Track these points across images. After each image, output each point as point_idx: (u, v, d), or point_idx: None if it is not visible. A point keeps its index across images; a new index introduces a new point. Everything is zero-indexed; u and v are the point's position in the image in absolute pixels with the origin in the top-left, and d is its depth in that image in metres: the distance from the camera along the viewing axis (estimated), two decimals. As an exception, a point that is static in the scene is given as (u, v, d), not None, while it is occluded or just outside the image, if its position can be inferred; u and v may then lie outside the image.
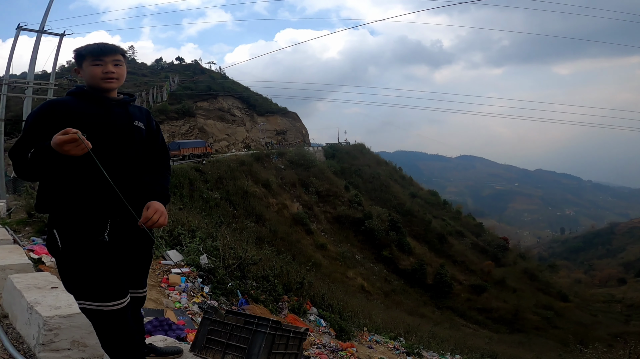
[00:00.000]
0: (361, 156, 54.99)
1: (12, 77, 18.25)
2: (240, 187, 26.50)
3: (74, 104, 1.64)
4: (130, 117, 1.74)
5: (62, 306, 2.54)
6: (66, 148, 1.40)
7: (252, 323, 2.00)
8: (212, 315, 2.09)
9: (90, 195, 1.60)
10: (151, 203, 1.67)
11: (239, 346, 1.95)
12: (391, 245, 34.69)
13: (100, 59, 1.65)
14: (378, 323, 9.60)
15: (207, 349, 2.02)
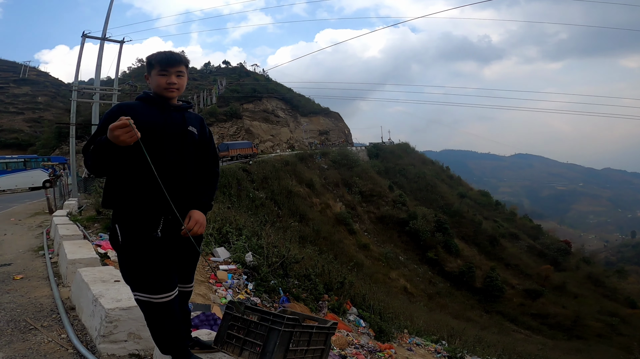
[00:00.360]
0: (406, 155, 53.69)
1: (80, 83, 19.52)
2: (284, 187, 27.11)
3: (140, 108, 1.79)
4: (185, 122, 1.87)
5: (123, 299, 2.69)
6: (117, 133, 1.50)
7: (268, 319, 1.96)
8: (232, 310, 2.07)
9: (145, 193, 1.72)
10: (192, 214, 1.80)
11: (256, 342, 1.94)
12: (437, 246, 33.55)
13: (166, 70, 1.80)
14: (420, 326, 9.38)
15: (227, 344, 2.02)
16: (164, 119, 1.80)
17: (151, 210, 1.73)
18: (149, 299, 1.73)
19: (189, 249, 1.87)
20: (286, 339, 1.88)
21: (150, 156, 1.65)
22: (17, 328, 2.83)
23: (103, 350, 2.43)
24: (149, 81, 1.87)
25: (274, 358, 1.84)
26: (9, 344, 2.56)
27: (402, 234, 34.44)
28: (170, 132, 1.80)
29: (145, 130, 1.64)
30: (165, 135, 1.77)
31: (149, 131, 1.68)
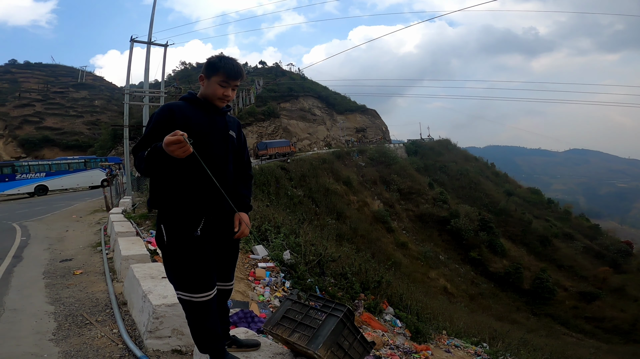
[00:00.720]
0: (446, 152, 51.87)
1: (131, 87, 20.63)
2: (322, 185, 27.25)
3: (187, 109, 1.83)
4: (227, 126, 1.92)
5: (169, 296, 2.77)
6: (171, 149, 1.54)
7: (330, 307, 2.00)
8: (295, 297, 2.15)
9: (188, 194, 1.76)
10: (241, 217, 1.88)
11: (310, 326, 1.96)
12: (481, 246, 32.12)
13: (227, 82, 1.83)
14: (459, 327, 9.07)
15: (279, 326, 2.05)
16: (209, 122, 1.84)
17: (193, 211, 1.78)
18: (190, 298, 1.78)
19: (228, 248, 1.92)
20: (339, 329, 1.91)
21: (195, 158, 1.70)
22: (74, 323, 3.04)
23: (149, 345, 2.53)
24: (203, 83, 1.88)
25: (324, 342, 1.85)
26: (66, 339, 2.77)
27: (443, 233, 33.35)
28: (215, 135, 1.84)
29: (194, 132, 1.70)
30: (210, 138, 1.81)
31: (197, 133, 1.73)
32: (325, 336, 1.86)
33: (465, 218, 33.33)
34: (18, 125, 45.65)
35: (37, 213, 13.66)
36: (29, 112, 48.54)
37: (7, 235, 8.58)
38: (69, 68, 72.58)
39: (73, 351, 2.55)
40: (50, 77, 64.97)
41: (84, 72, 70.54)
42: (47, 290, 4.02)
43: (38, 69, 69.04)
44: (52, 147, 44.05)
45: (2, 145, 43.47)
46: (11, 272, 4.91)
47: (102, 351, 2.55)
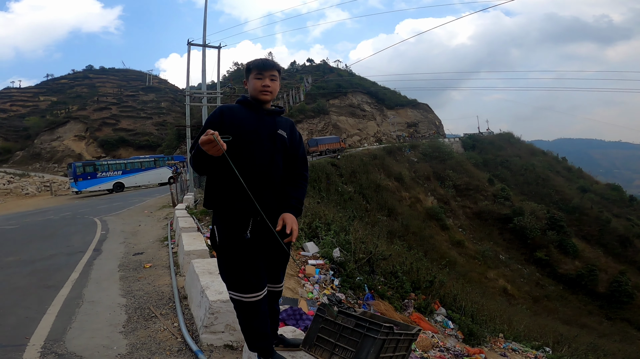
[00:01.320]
0: (509, 146, 48.59)
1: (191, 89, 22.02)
2: (372, 181, 26.96)
3: (238, 110, 1.92)
4: (276, 125, 1.95)
5: (224, 292, 2.81)
6: (205, 148, 1.63)
7: (363, 326, 1.92)
8: (324, 313, 2.07)
9: (235, 195, 1.81)
10: (286, 218, 1.83)
11: (347, 348, 1.91)
12: (549, 245, 29.62)
13: (261, 73, 1.92)
14: (519, 330, 8.50)
15: (317, 347, 2.01)
16: (257, 122, 1.90)
17: (240, 212, 1.82)
18: (240, 298, 1.85)
19: (278, 250, 1.93)
20: (379, 347, 1.86)
21: (241, 157, 1.79)
22: (141, 316, 3.33)
23: (204, 340, 2.68)
24: (247, 85, 2.00)
25: None
26: (134, 331, 3.01)
27: (504, 231, 31.28)
28: (262, 134, 1.89)
29: (240, 131, 1.81)
30: (257, 137, 1.87)
31: (243, 132, 1.83)
32: None
33: (531, 216, 30.97)
34: (98, 127, 51.09)
35: (115, 209, 15.22)
36: (107, 115, 54.05)
37: (89, 229, 9.70)
38: (137, 72, 79.71)
39: (138, 343, 2.77)
40: (123, 81, 71.87)
41: (151, 75, 77.02)
42: (121, 282, 4.48)
43: (112, 74, 76.80)
44: (127, 147, 48.73)
45: (85, 146, 49.01)
46: (91, 265, 5.54)
47: (163, 344, 2.74)
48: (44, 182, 35.04)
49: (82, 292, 4.12)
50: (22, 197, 30.51)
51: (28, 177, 37.04)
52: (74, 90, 68.32)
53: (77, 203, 21.92)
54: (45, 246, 7.56)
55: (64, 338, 2.90)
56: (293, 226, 1.82)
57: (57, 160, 46.71)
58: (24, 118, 56.96)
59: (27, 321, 3.26)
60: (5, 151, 48.88)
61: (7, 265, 5.85)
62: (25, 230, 10.87)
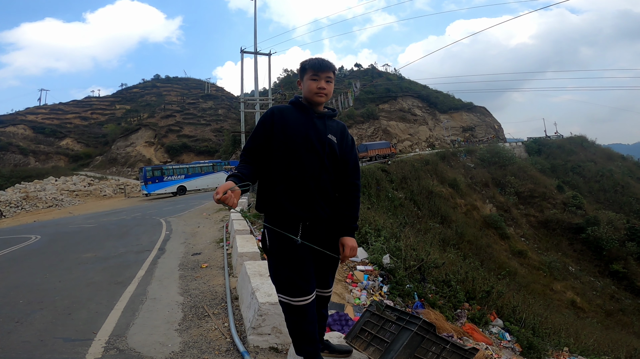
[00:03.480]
0: (581, 150, 44.33)
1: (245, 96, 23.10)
2: (424, 187, 26.06)
3: (289, 112, 1.92)
4: (326, 129, 1.93)
5: (273, 294, 2.82)
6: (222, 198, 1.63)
7: (404, 319, 1.92)
8: (373, 308, 2.11)
9: (284, 199, 1.81)
10: (345, 242, 1.89)
11: (384, 339, 1.91)
12: (627, 257, 26.56)
13: (317, 74, 1.89)
14: (587, 344, 7.71)
15: (357, 339, 2.05)
16: (307, 125, 1.88)
17: (290, 217, 1.82)
18: (288, 301, 1.86)
19: (328, 256, 1.93)
20: (415, 343, 1.82)
21: (291, 161, 1.83)
22: (196, 315, 3.53)
23: (251, 341, 2.75)
24: (301, 86, 1.97)
25: (395, 357, 1.78)
26: (188, 329, 3.17)
27: (575, 242, 28.51)
28: (312, 138, 1.86)
29: (289, 134, 1.85)
30: (306, 141, 1.85)
31: (292, 135, 1.85)
32: (397, 351, 1.79)
33: (608, 226, 27.97)
34: (164, 134, 55.54)
35: (178, 211, 16.39)
36: (172, 122, 58.57)
37: (156, 229, 10.56)
38: (197, 81, 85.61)
39: (191, 341, 2.93)
40: (185, 90, 77.51)
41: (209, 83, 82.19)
42: (180, 281, 4.81)
43: (175, 83, 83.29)
44: (189, 152, 52.36)
45: (154, 152, 53.49)
46: (156, 263, 6.01)
47: (213, 344, 2.88)
48: (119, 185, 38.87)
49: (146, 289, 4.49)
50: (100, 198, 34.16)
51: (106, 180, 41.34)
52: (144, 98, 75.13)
53: (146, 204, 23.98)
54: (118, 244, 8.37)
55: (127, 333, 3.14)
56: (352, 252, 1.90)
57: (130, 164, 51.57)
58: (103, 125, 63.78)
59: (97, 316, 3.60)
60: (86, 156, 55.03)
61: (85, 261, 6.57)
62: (102, 228, 12.12)
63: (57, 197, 31.79)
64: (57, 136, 57.71)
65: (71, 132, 60.24)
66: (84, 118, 66.96)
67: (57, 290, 4.67)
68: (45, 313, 3.77)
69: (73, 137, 58.78)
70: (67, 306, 3.95)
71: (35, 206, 29.64)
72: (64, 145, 56.69)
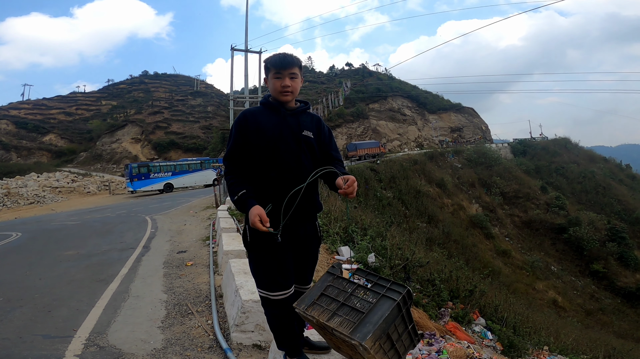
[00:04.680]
0: (565, 152, 45.43)
1: (235, 93, 22.87)
2: (412, 187, 26.33)
3: (260, 113, 1.88)
4: (300, 126, 1.89)
5: (256, 291, 2.65)
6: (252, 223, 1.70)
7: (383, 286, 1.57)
8: (337, 271, 1.74)
9: (265, 198, 1.80)
10: (347, 176, 1.74)
11: (356, 309, 1.54)
12: (608, 258, 27.39)
13: (280, 73, 1.83)
14: (567, 343, 7.94)
15: (315, 306, 1.63)
16: (280, 124, 1.85)
17: (270, 214, 1.77)
18: (267, 296, 1.87)
19: (307, 253, 1.95)
20: (393, 317, 1.51)
21: (268, 161, 1.80)
22: (179, 312, 3.52)
23: (234, 338, 2.76)
24: (268, 84, 1.92)
25: (374, 332, 1.44)
26: (171, 327, 3.17)
27: (557, 242, 29.25)
28: (286, 137, 1.84)
29: (264, 135, 1.81)
30: (281, 140, 1.82)
31: (264, 136, 1.81)
32: (376, 324, 1.46)
33: (589, 226, 28.79)
34: (152, 131, 54.70)
35: (165, 208, 16.20)
36: (159, 119, 57.73)
37: (141, 227, 10.43)
38: (186, 78, 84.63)
39: (173, 338, 2.93)
40: (173, 86, 76.55)
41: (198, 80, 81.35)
42: (164, 279, 4.78)
43: (164, 79, 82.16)
44: (177, 149, 51.71)
45: (140, 148, 52.66)
46: (140, 261, 5.95)
47: (196, 341, 2.88)
48: (104, 182, 38.15)
49: (129, 287, 4.45)
50: (84, 195, 33.47)
51: (90, 176, 40.55)
52: (132, 94, 73.90)
53: (131, 202, 23.62)
54: (101, 242, 8.25)
55: (107, 331, 3.12)
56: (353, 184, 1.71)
57: (115, 161, 50.68)
58: (88, 121, 62.51)
59: (77, 313, 3.57)
60: (70, 152, 53.87)
61: (67, 259, 6.46)
62: (86, 225, 11.91)
63: (39, 194, 31.03)
64: (40, 131, 56.41)
65: (55, 128, 58.93)
66: (69, 114, 65.54)
67: (37, 288, 4.59)
68: (25, 311, 3.72)
69: (57, 133, 57.50)
70: (47, 304, 3.90)
71: (16, 202, 28.88)
72: (47, 141, 55.43)
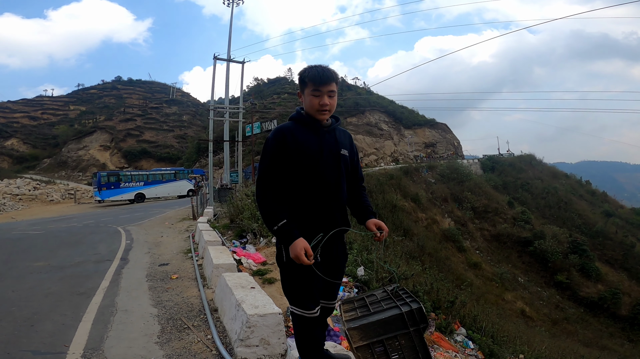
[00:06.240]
0: (530, 168, 47.68)
1: (214, 103, 22.40)
2: (389, 201, 26.69)
3: (296, 130, 1.81)
4: (338, 144, 1.87)
5: (259, 306, 2.85)
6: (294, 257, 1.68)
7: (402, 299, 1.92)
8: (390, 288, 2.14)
9: (305, 218, 1.78)
10: (378, 223, 1.91)
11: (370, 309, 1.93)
12: (570, 269, 28.88)
13: (318, 90, 1.77)
14: (541, 351, 8.28)
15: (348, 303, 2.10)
16: (319, 143, 1.81)
17: (308, 234, 1.76)
18: (302, 313, 1.84)
19: (338, 271, 1.96)
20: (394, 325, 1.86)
21: (308, 180, 1.77)
22: (174, 327, 3.38)
23: (239, 353, 2.69)
24: (302, 99, 1.86)
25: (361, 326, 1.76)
26: (169, 342, 3.07)
27: (524, 254, 30.52)
28: (326, 155, 1.81)
29: (302, 154, 1.76)
30: (321, 159, 1.79)
31: (306, 155, 1.77)
32: (367, 321, 1.73)
33: (552, 239, 30.25)
34: (122, 138, 52.84)
35: (137, 219, 15.58)
36: (132, 126, 55.95)
37: (114, 238, 9.96)
38: (162, 85, 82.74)
39: (174, 354, 2.84)
40: (148, 93, 74.57)
41: (174, 88, 79.82)
42: (150, 292, 4.58)
43: (138, 86, 79.92)
44: (149, 158, 50.13)
45: (109, 156, 50.64)
46: (120, 274, 5.67)
47: (199, 356, 2.81)
48: (69, 190, 36.24)
49: (114, 300, 4.23)
50: (46, 203, 31.60)
51: (53, 184, 38.42)
52: (102, 100, 71.30)
53: (99, 211, 22.54)
54: (72, 253, 7.79)
55: (102, 346, 2.97)
56: (384, 226, 1.91)
57: (82, 168, 48.38)
58: (54, 126, 59.56)
59: (64, 328, 3.36)
60: (32, 158, 51.02)
61: (37, 270, 6.05)
62: (51, 236, 11.23)
63: (-2, 201, 29.03)
64: (2, 135, 53.29)
65: (17, 132, 55.84)
66: (33, 118, 62.37)
67: (12, 300, 4.27)
68: (5, 324, 3.45)
69: (19, 137, 54.49)
70: (27, 318, 3.63)
71: (-30, 211, 26.85)
72: (9, 146, 52.38)
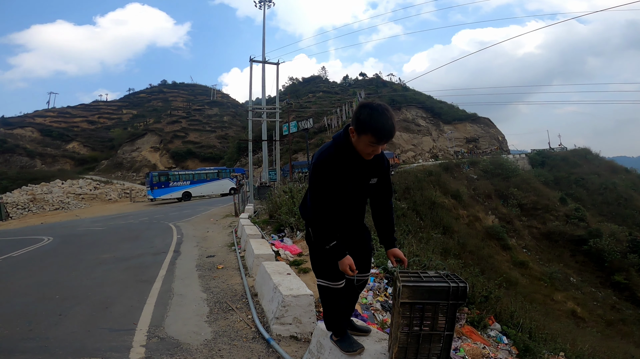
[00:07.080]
0: (585, 163, 44.28)
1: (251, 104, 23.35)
2: (427, 198, 26.28)
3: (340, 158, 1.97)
4: (369, 174, 2.07)
5: (294, 289, 3.30)
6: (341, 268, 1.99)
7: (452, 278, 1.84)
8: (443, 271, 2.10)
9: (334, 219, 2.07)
10: (397, 254, 2.17)
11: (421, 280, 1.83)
12: (629, 269, 26.67)
13: (378, 144, 1.87)
14: (583, 350, 7.97)
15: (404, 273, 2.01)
16: (356, 172, 2.02)
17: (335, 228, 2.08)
18: (328, 285, 2.15)
19: (365, 246, 2.27)
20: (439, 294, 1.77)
21: (342, 196, 2.04)
22: (221, 309, 3.91)
23: (274, 330, 3.13)
24: (354, 135, 1.91)
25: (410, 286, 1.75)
26: (216, 321, 3.59)
27: (577, 253, 28.64)
28: (358, 183, 2.05)
29: (346, 177, 2.00)
30: (353, 187, 2.05)
31: (345, 182, 2.01)
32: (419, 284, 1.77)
33: (610, 238, 28.10)
34: (170, 140, 56.19)
35: (185, 216, 16.76)
36: (177, 128, 59.27)
37: (167, 233, 10.92)
38: (203, 87, 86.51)
39: (220, 331, 3.33)
40: (191, 96, 78.37)
41: (215, 90, 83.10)
42: (200, 280, 5.18)
43: (182, 89, 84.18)
44: (194, 158, 52.91)
45: (159, 157, 54.11)
46: (174, 264, 6.38)
47: (240, 333, 3.27)
48: (124, 189, 39.35)
49: (171, 286, 4.85)
50: (105, 202, 34.60)
51: (111, 184, 41.86)
52: (151, 104, 76.01)
53: (151, 209, 24.37)
54: (132, 246, 8.74)
55: (163, 324, 3.53)
56: (403, 258, 2.16)
57: (135, 169, 52.12)
58: (110, 130, 64.59)
59: (132, 309, 3.97)
60: (92, 160, 55.73)
61: (104, 261, 6.93)
62: (112, 231, 12.49)
63: (64, 200, 32.25)
64: (64, 139, 58.58)
65: (78, 136, 61.15)
66: (91, 122, 67.93)
67: (87, 287, 5.03)
68: (84, 307, 4.12)
69: (79, 141, 59.65)
70: (101, 301, 4.30)
71: (42, 208, 30.11)
72: (71, 149, 57.50)
